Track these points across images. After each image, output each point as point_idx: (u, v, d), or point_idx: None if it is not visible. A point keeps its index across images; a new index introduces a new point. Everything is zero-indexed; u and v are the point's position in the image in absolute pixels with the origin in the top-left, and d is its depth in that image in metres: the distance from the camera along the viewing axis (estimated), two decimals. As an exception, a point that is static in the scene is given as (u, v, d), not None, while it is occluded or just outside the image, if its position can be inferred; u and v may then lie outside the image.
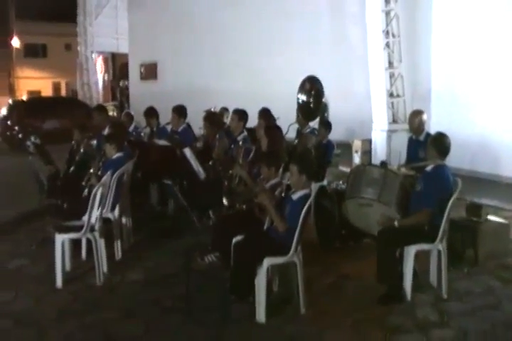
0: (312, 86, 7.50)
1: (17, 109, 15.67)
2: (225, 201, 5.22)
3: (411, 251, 4.34)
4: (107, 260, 4.97)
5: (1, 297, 4.50)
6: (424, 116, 5.97)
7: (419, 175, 4.82)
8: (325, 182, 6.53)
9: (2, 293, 4.60)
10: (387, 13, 9.75)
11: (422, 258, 4.54)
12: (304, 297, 4.12)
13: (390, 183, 4.78)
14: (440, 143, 4.51)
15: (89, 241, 4.97)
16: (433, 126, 7.87)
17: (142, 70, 20.48)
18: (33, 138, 7.11)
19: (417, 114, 6.03)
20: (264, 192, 4.35)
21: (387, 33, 9.72)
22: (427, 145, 4.62)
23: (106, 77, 27.31)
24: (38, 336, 3.83)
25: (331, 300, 4.36)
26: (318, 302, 4.26)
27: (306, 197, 4.16)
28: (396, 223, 4.39)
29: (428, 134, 5.73)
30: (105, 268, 4.92)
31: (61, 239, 4.74)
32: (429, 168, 4.53)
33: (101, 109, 7.72)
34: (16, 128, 14.36)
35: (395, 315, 4.07)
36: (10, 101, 19.08)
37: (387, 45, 9.76)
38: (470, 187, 4.99)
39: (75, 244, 5.11)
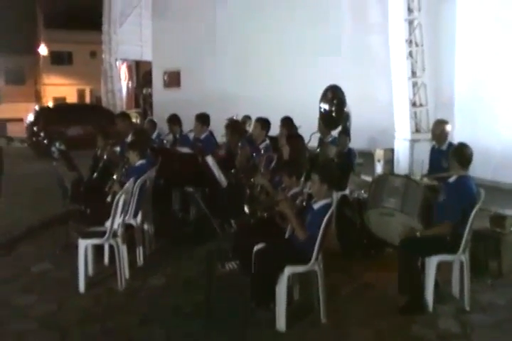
0: (334, 95, 7.51)
1: (43, 115, 15.91)
2: (246, 209, 5.23)
3: (433, 262, 4.30)
4: (129, 266, 5.03)
5: (26, 300, 4.59)
6: (448, 127, 5.93)
7: (441, 185, 4.78)
8: (347, 192, 6.51)
9: (27, 296, 4.68)
10: (411, 22, 9.74)
11: (444, 268, 4.49)
12: (325, 306, 4.11)
13: (413, 193, 4.77)
14: (462, 153, 4.47)
15: (111, 247, 5.02)
16: (456, 136, 7.81)
17: (165, 78, 20.66)
18: (57, 144, 7.21)
19: (440, 123, 5.98)
20: (285, 201, 4.36)
21: (410, 42, 9.70)
22: (449, 156, 4.58)
23: (130, 85, 27.63)
24: (61, 339, 3.88)
25: (351, 310, 4.34)
26: (338, 311, 4.25)
27: (327, 206, 4.16)
28: (418, 234, 4.36)
29: (451, 144, 5.69)
30: (127, 274, 4.97)
31: (84, 245, 4.81)
32: (452, 179, 4.50)
33: (124, 116, 7.82)
34: (42, 134, 14.60)
35: (416, 325, 4.04)
36: (36, 107, 19.39)
37: (410, 54, 9.74)
38: (493, 198, 4.94)
39: (98, 249, 5.18)
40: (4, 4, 30.72)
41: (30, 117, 16.32)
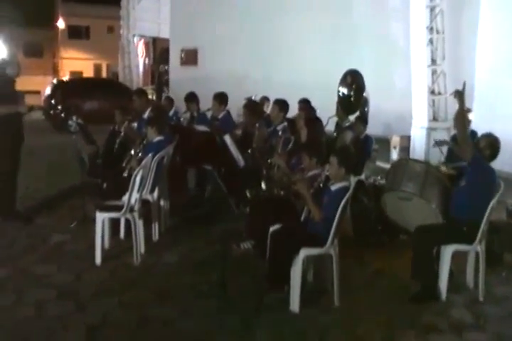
0: (354, 80, 7.45)
1: (61, 88, 15.93)
2: (263, 185, 5.25)
3: (448, 251, 4.28)
4: (144, 241, 5.07)
5: (45, 269, 4.66)
6: (470, 115, 5.86)
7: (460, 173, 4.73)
8: (363, 177, 6.50)
9: (46, 265, 4.76)
10: (432, 9, 9.58)
11: (458, 258, 4.46)
12: (338, 290, 4.13)
13: (432, 180, 4.74)
14: (494, 147, 4.35)
15: (127, 221, 5.06)
16: (475, 125, 7.72)
17: (183, 56, 20.56)
18: (75, 118, 7.21)
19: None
20: (302, 181, 4.36)
21: (431, 29, 9.56)
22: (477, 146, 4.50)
23: (146, 61, 27.53)
24: (78, 309, 3.94)
25: (365, 295, 4.35)
26: (351, 296, 4.25)
27: (344, 189, 4.16)
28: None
29: (473, 132, 5.63)
30: (142, 249, 5.02)
31: (102, 218, 4.85)
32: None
33: (141, 92, 7.80)
34: (59, 107, 14.63)
35: (429, 314, 4.03)
36: (54, 80, 19.39)
37: (431, 41, 9.61)
38: (511, 190, 4.89)
39: (114, 223, 5.22)
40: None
41: (48, 90, 16.36)
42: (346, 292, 4.21)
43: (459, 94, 4.26)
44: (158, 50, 27.61)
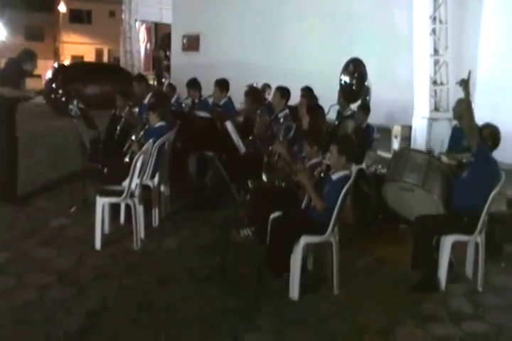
0: (356, 68, 7.42)
1: (62, 72, 15.83)
2: (264, 177, 5.23)
3: (448, 241, 4.28)
4: (144, 226, 5.07)
5: (46, 253, 4.67)
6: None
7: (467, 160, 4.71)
8: (363, 166, 6.48)
9: (46, 249, 4.77)
10: (436, -1, 9.48)
11: (458, 248, 4.46)
12: (338, 278, 4.13)
13: (434, 171, 4.73)
14: (495, 137, 4.36)
15: (128, 207, 5.06)
16: (477, 115, 7.70)
17: (184, 41, 20.42)
18: (75, 102, 7.18)
19: (463, 102, 5.88)
20: (303, 171, 4.35)
21: (434, 18, 9.46)
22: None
23: (148, 47, 27.37)
24: (78, 293, 3.95)
25: (364, 283, 4.36)
26: (351, 284, 4.26)
27: (346, 178, 4.15)
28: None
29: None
30: (142, 234, 5.02)
31: (102, 203, 4.85)
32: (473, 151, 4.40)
33: (141, 78, 7.77)
34: (60, 91, 14.55)
35: (428, 303, 4.04)
36: (55, 64, 19.26)
37: (434, 31, 9.51)
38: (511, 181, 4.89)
39: (114, 208, 5.22)
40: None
41: (49, 74, 16.27)
42: (346, 280, 4.22)
43: (465, 83, 4.24)
44: (160, 35, 27.45)
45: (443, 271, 4.27)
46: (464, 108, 4.40)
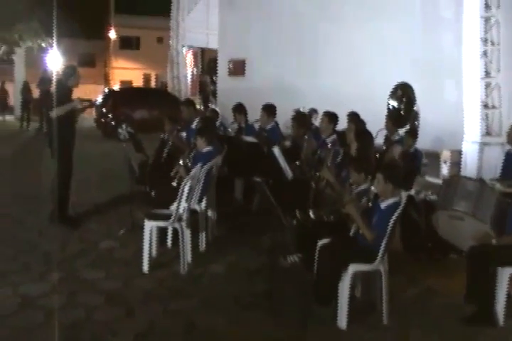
0: (404, 93, 7.34)
1: (112, 97, 16.34)
2: (311, 214, 5.13)
3: (506, 273, 4.09)
4: (191, 250, 5.09)
5: (95, 274, 4.76)
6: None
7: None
8: (412, 192, 6.36)
9: (95, 271, 4.86)
10: (487, 20, 9.33)
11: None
12: (387, 307, 4.03)
13: (487, 199, 4.59)
14: None
15: (175, 231, 5.10)
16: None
17: (230, 66, 20.75)
18: (125, 126, 7.37)
19: (516, 126, 5.74)
20: (351, 202, 4.27)
21: (485, 40, 9.31)
22: None
23: (194, 71, 27.93)
24: (126, 315, 4.00)
25: (414, 314, 4.22)
26: (401, 314, 4.14)
27: (395, 205, 4.07)
28: (494, 241, 4.17)
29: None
30: (189, 258, 5.04)
31: (150, 226, 4.91)
32: None
33: (189, 102, 7.93)
34: (110, 115, 14.98)
35: (483, 338, 3.87)
36: (106, 89, 19.89)
37: (485, 53, 9.35)
38: None
39: (162, 232, 5.28)
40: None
41: (99, 99, 16.80)
42: (395, 310, 4.11)
43: None
44: (207, 60, 27.99)
45: (501, 305, 4.07)
46: None
